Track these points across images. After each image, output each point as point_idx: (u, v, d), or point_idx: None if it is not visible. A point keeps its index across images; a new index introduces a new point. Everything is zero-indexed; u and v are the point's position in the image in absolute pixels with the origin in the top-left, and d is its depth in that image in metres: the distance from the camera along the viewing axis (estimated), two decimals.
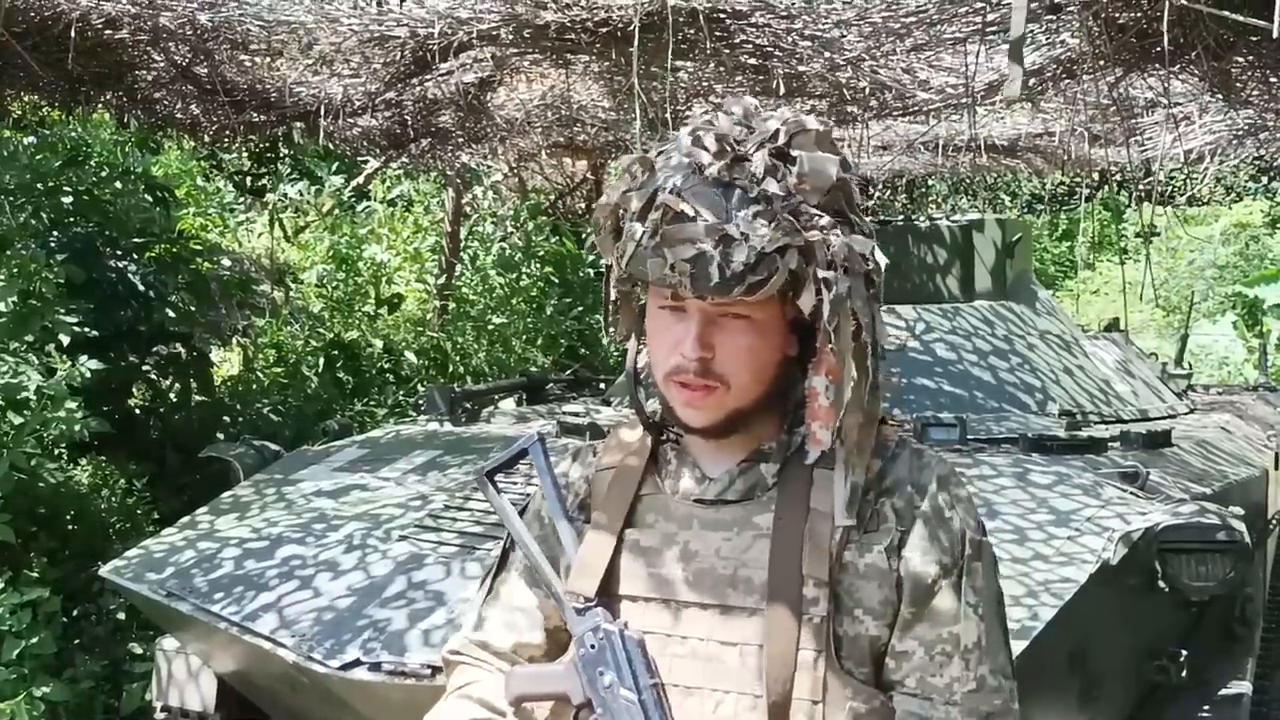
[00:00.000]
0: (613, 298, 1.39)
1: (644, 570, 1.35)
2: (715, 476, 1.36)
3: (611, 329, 1.42)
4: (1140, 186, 9.00)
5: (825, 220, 1.25)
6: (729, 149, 1.25)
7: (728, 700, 1.29)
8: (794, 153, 1.26)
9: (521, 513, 1.47)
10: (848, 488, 1.30)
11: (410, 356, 8.02)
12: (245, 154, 7.96)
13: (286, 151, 8.44)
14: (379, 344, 7.91)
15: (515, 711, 1.36)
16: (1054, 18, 3.41)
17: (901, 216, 5.70)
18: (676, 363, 1.29)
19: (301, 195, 10.14)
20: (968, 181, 9.95)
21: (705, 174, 1.24)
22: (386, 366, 7.86)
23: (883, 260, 1.31)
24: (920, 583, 1.30)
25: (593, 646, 1.30)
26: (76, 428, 4.29)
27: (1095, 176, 9.00)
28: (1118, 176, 8.75)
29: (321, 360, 7.53)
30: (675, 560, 1.34)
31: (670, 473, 1.39)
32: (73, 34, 3.94)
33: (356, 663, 2.58)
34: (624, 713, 1.26)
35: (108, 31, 4.21)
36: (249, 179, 11.19)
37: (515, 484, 3.37)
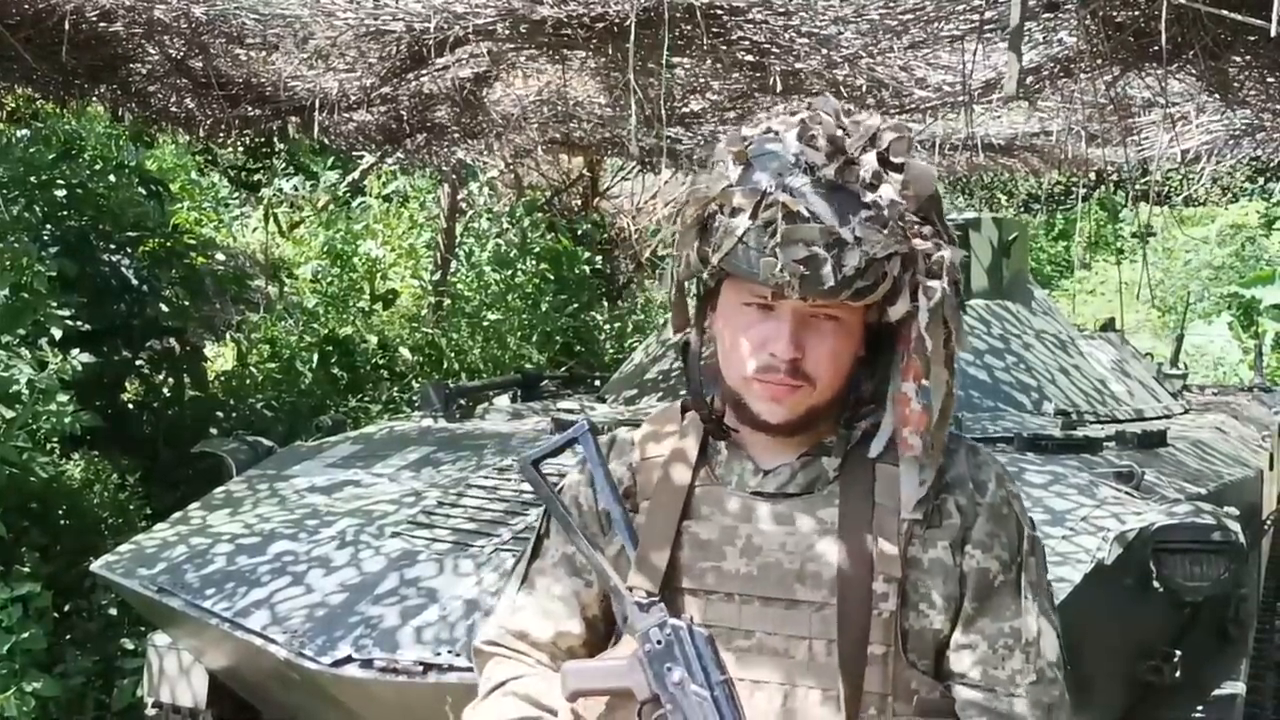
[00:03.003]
0: (674, 295, 1.40)
1: (706, 564, 1.35)
2: (771, 469, 1.37)
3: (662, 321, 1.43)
4: (1137, 186, 9.00)
5: (927, 229, 1.28)
6: (842, 151, 1.26)
7: (796, 694, 1.30)
8: (896, 159, 1.27)
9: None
10: (916, 480, 1.32)
11: (405, 353, 8.01)
12: (240, 149, 7.93)
13: (281, 146, 8.41)
14: (374, 340, 7.89)
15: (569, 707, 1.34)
16: (1052, 16, 3.40)
17: None
18: (766, 362, 1.30)
19: (296, 190, 10.12)
20: (964, 180, 9.95)
21: (818, 175, 1.24)
22: (381, 362, 7.85)
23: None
24: (983, 578, 1.33)
25: (659, 642, 1.28)
26: (68, 422, 4.27)
27: (1092, 176, 8.99)
28: (1114, 176, 8.74)
29: (316, 356, 7.51)
30: (738, 554, 1.34)
31: (722, 464, 1.39)
32: (66, 26, 3.91)
33: (348, 659, 2.57)
34: (695, 710, 1.25)
35: (102, 24, 4.18)
36: (244, 174, 11.17)
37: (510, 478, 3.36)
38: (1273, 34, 2.17)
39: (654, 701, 1.28)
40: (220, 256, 8.17)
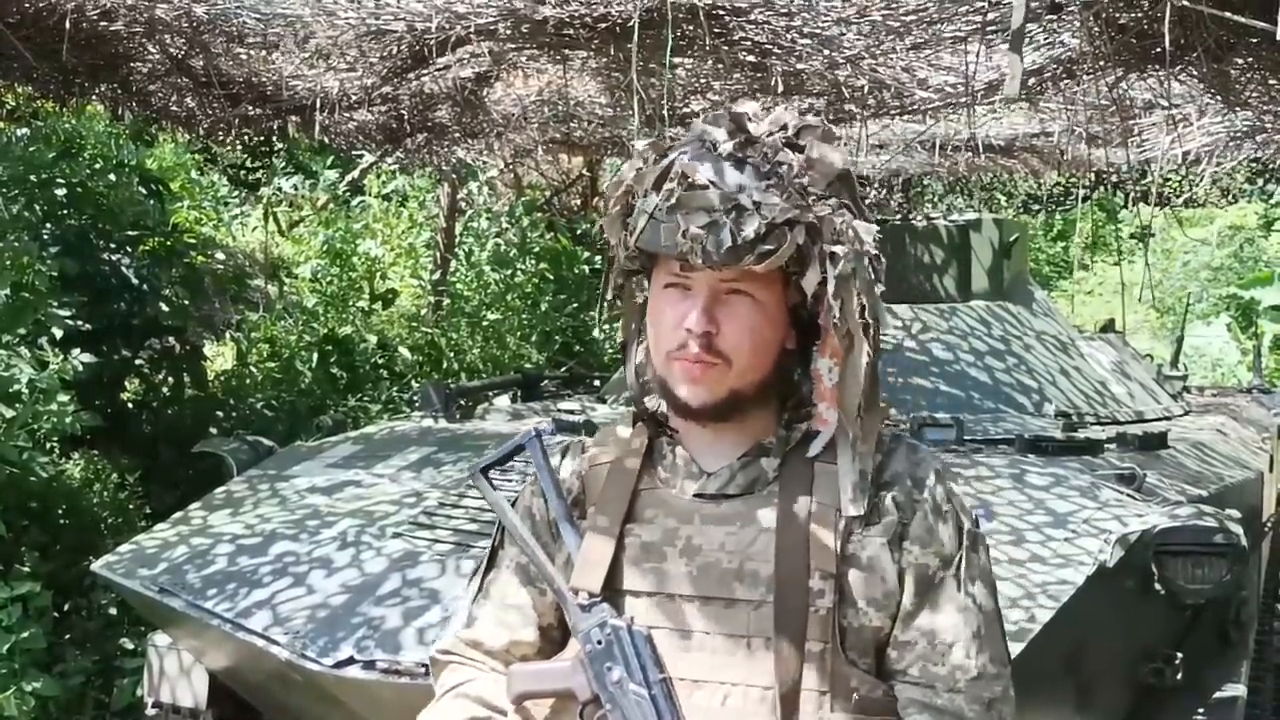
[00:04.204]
0: (611, 292, 1.42)
1: (647, 565, 1.36)
2: (714, 471, 1.37)
3: (609, 321, 1.45)
4: (1137, 188, 8.99)
5: (833, 201, 1.30)
6: (743, 129, 1.30)
7: (735, 693, 1.31)
8: (802, 142, 1.31)
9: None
10: (854, 474, 1.32)
11: (404, 352, 8.00)
12: (240, 148, 7.92)
13: (281, 146, 8.40)
14: (373, 339, 7.88)
15: (516, 710, 1.35)
16: (1054, 17, 3.40)
17: (898, 216, 5.69)
18: (681, 339, 1.31)
19: (296, 190, 10.11)
20: (964, 181, 9.94)
21: (719, 150, 1.29)
22: (380, 362, 7.84)
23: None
24: (922, 574, 1.33)
25: (599, 643, 1.30)
26: (68, 422, 4.26)
27: (1091, 177, 8.99)
28: (1114, 177, 8.74)
29: (315, 355, 7.50)
30: (678, 555, 1.35)
31: (667, 467, 1.40)
32: (67, 25, 3.90)
33: (350, 661, 2.56)
34: (634, 708, 1.26)
35: (103, 23, 4.17)
36: (243, 172, 11.14)
37: (510, 480, 3.34)
38: (1278, 36, 2.17)
39: (594, 702, 1.29)
40: (220, 256, 8.16)
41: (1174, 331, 8.83)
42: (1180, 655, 2.97)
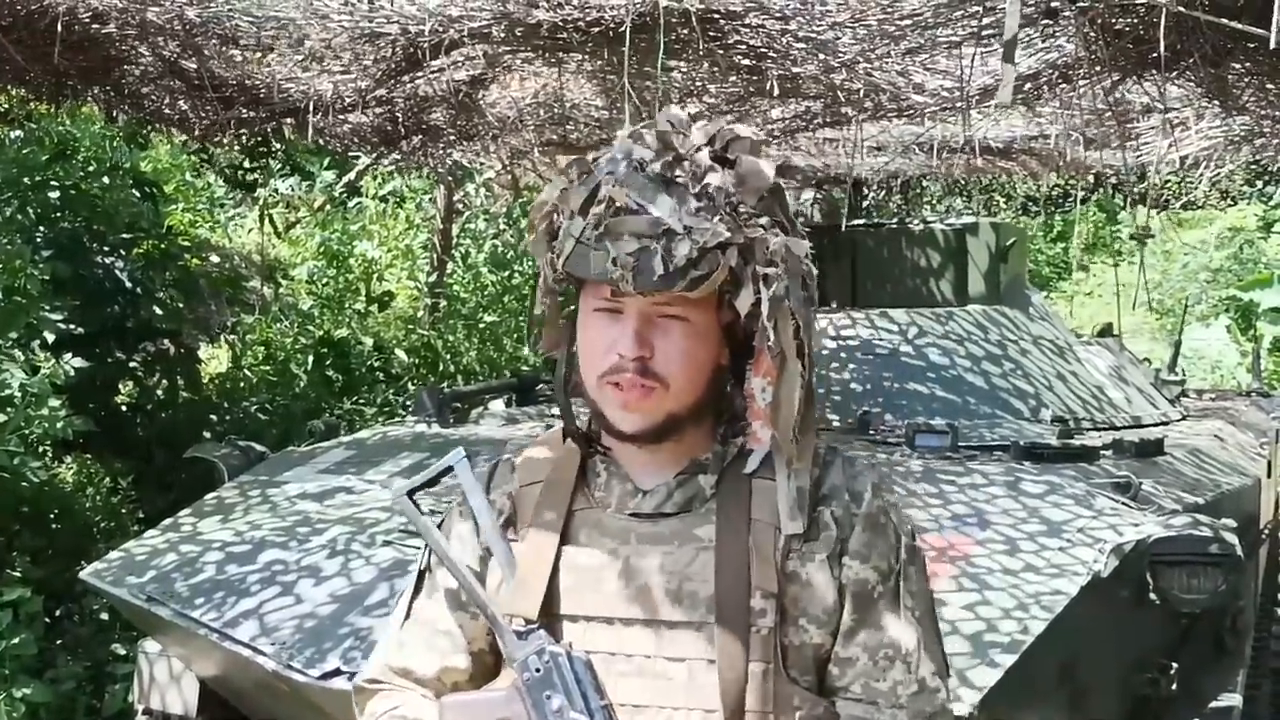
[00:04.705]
0: (539, 309, 1.39)
1: (584, 589, 1.32)
2: (649, 489, 1.34)
3: (538, 341, 1.41)
4: (1135, 191, 8.98)
5: (764, 220, 1.27)
6: (670, 147, 1.27)
7: (678, 717, 1.29)
8: (731, 156, 1.28)
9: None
10: (793, 491, 1.30)
11: (401, 355, 7.98)
12: (236, 149, 7.91)
13: (278, 147, 8.38)
14: (369, 342, 7.87)
15: None
16: (1050, 22, 3.37)
17: (895, 219, 5.68)
18: (613, 363, 1.28)
19: (292, 191, 10.09)
20: (962, 183, 9.92)
21: (647, 170, 1.25)
22: (377, 365, 7.82)
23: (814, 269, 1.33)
24: (861, 589, 1.32)
25: (538, 670, 1.26)
26: (60, 426, 4.25)
27: (1090, 179, 8.97)
28: (1112, 180, 8.72)
29: (311, 358, 7.49)
30: (616, 577, 1.32)
31: (601, 486, 1.36)
32: (59, 28, 3.88)
33: (337, 672, 2.55)
34: None
35: (95, 25, 4.14)
36: (239, 174, 11.12)
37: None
38: (1273, 45, 2.15)
39: None
40: (215, 258, 8.16)
41: (1173, 334, 8.80)
42: (1175, 665, 2.95)
